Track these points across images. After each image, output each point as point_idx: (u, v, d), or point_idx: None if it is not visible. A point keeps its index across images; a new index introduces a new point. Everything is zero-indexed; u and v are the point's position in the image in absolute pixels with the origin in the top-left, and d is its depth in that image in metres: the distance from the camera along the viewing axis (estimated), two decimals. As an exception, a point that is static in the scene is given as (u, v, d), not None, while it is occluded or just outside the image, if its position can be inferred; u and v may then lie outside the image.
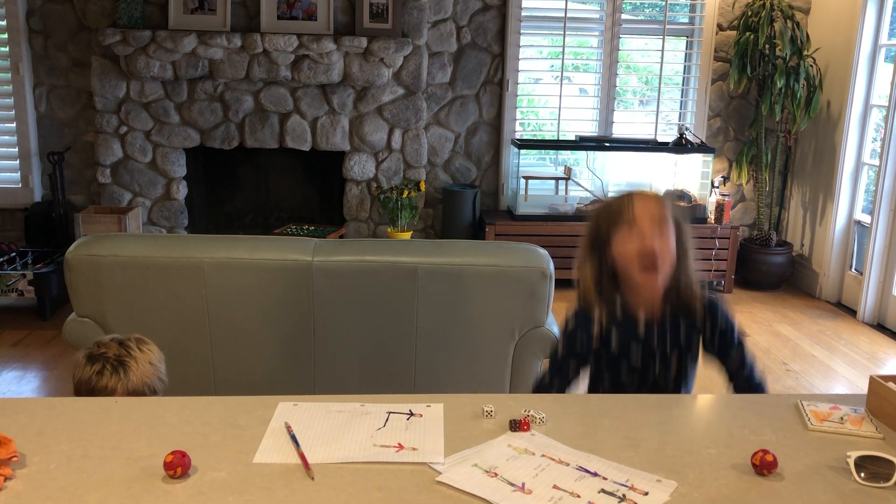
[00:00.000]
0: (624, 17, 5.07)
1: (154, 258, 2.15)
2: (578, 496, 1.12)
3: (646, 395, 1.70)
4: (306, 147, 4.81)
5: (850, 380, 3.67)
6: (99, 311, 2.17)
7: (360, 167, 4.87)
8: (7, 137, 4.84)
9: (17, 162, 4.83)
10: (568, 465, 1.21)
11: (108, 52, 4.54)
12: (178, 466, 1.13)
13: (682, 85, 5.24)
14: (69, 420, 1.31)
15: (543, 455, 1.23)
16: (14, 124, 4.78)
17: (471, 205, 4.90)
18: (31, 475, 1.14)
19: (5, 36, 4.69)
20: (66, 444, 1.22)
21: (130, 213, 4.54)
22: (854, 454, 1.21)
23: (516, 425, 1.31)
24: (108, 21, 4.54)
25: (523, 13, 4.97)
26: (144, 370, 1.70)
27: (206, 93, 4.67)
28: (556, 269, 2.22)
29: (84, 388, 1.67)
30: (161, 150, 4.75)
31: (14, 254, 4.27)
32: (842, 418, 1.37)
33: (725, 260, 4.89)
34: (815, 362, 3.87)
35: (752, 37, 4.75)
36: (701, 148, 4.97)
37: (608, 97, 5.16)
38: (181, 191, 4.84)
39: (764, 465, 1.19)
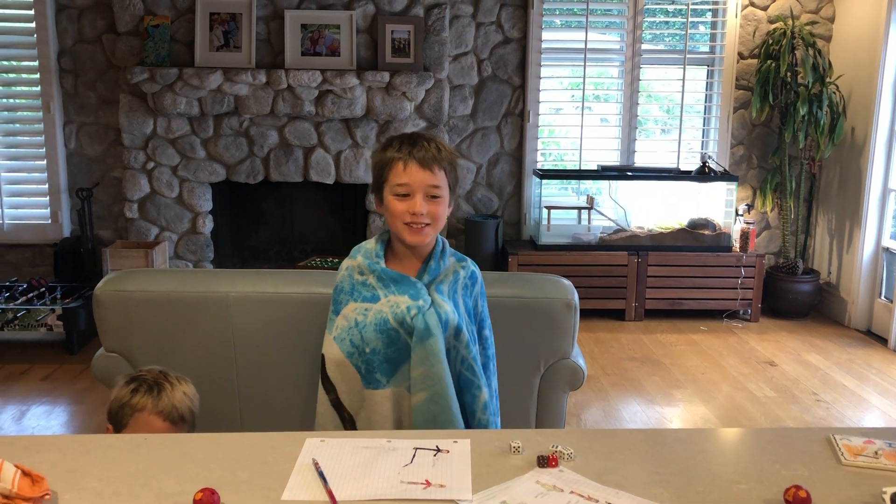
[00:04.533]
0: (644, 47, 5.10)
1: (181, 293, 2.17)
2: (608, 533, 1.11)
3: (673, 429, 1.67)
4: (330, 180, 4.86)
5: (882, 410, 3.61)
6: (127, 346, 2.19)
7: (383, 199, 4.90)
8: (38, 174, 4.94)
9: (47, 198, 4.92)
10: (597, 501, 1.19)
11: (136, 90, 4.64)
12: (207, 504, 1.14)
13: (704, 113, 5.24)
14: (100, 457, 1.32)
15: (572, 492, 1.22)
16: (45, 161, 4.89)
17: (493, 235, 4.91)
18: (62, 513, 1.15)
19: (37, 76, 4.80)
20: (96, 482, 1.23)
21: (157, 248, 4.60)
22: (889, 490, 1.19)
23: (544, 461, 1.30)
24: (135, 60, 4.64)
25: (543, 45, 5.01)
26: (178, 396, 1.77)
27: (231, 128, 4.75)
28: (580, 299, 2.21)
29: (115, 406, 1.75)
30: (187, 184, 4.82)
31: (43, 289, 4.34)
32: (876, 452, 1.34)
33: (751, 289, 4.85)
34: (845, 392, 3.80)
35: (773, 65, 4.75)
36: (724, 176, 4.95)
37: (630, 126, 5.17)
38: (207, 225, 4.90)
39: (797, 502, 1.17)
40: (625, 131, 5.18)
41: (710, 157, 5.00)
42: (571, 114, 5.18)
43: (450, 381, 1.72)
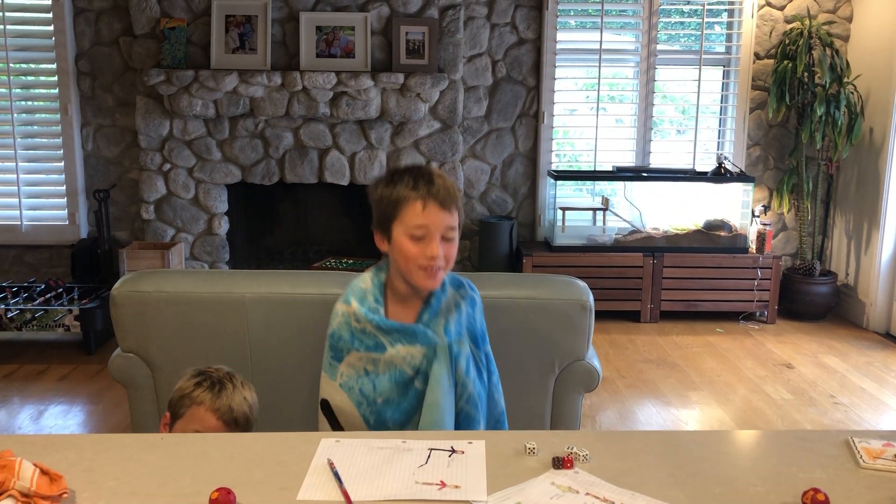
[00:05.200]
0: (659, 47, 5.08)
1: (197, 293, 2.18)
2: (624, 536, 1.11)
3: (689, 431, 1.67)
4: (345, 182, 4.87)
5: (901, 413, 3.57)
6: (143, 347, 2.20)
7: (398, 201, 4.90)
8: (55, 176, 4.98)
9: (65, 200, 4.96)
10: (612, 503, 1.19)
11: (153, 92, 4.67)
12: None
13: (720, 114, 5.21)
14: (117, 456, 1.33)
15: (588, 493, 1.22)
16: (62, 163, 4.93)
17: (508, 237, 4.90)
18: (79, 511, 1.16)
19: (55, 78, 4.84)
20: (113, 481, 1.24)
21: (173, 249, 4.62)
22: (909, 493, 1.18)
23: (559, 462, 1.29)
24: (152, 62, 4.67)
25: (558, 46, 5.00)
26: (237, 399, 1.77)
27: (247, 130, 4.77)
28: (595, 300, 2.20)
29: (177, 395, 1.77)
30: (203, 186, 4.85)
31: (61, 289, 4.37)
32: (895, 455, 1.33)
33: (768, 290, 4.81)
34: (864, 395, 3.77)
35: (790, 65, 4.72)
36: (740, 177, 4.92)
37: (645, 127, 5.15)
38: (223, 226, 4.93)
39: (815, 505, 1.16)
40: (640, 132, 5.16)
41: (726, 158, 4.97)
42: (586, 114, 5.17)
43: (448, 410, 1.66)
